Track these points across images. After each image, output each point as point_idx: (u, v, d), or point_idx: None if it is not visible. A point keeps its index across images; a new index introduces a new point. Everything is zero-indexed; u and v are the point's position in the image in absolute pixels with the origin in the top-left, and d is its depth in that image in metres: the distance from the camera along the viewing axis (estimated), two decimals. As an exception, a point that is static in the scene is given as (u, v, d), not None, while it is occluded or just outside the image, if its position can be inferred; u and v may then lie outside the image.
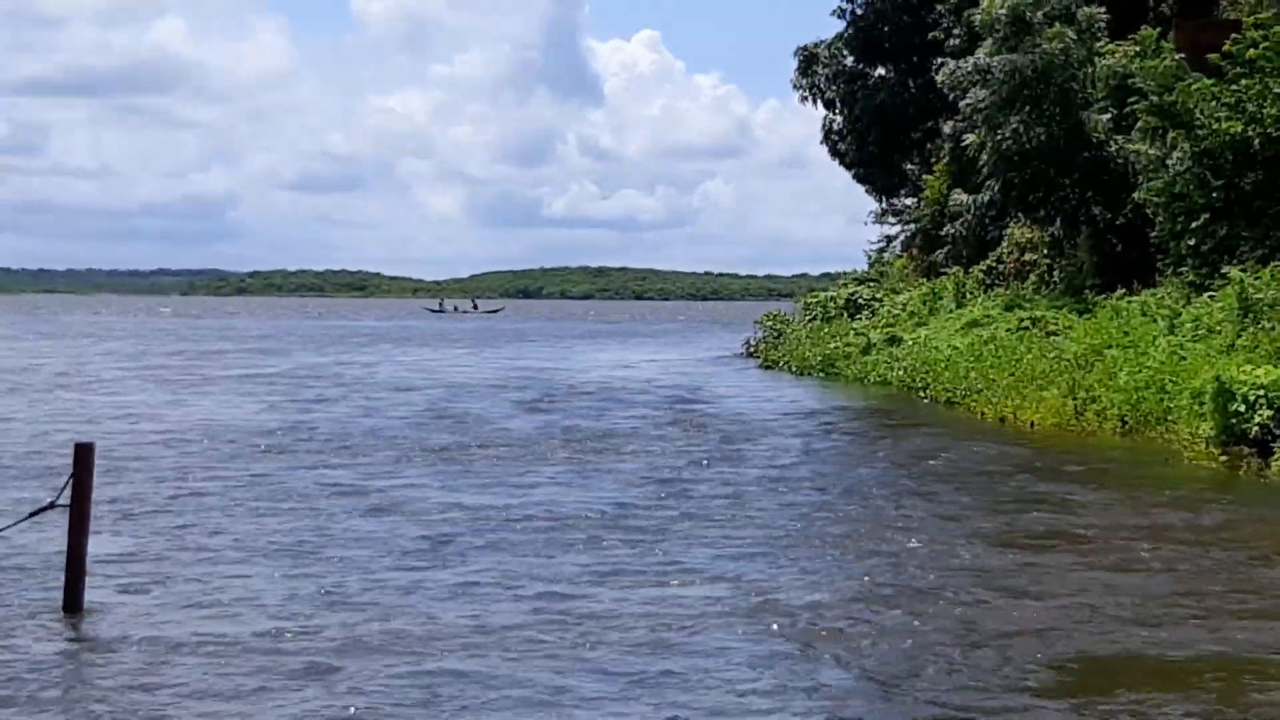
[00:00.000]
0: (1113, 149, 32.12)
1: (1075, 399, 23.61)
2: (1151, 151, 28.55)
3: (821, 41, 52.01)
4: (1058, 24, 33.56)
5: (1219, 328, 22.85)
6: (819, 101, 52.28)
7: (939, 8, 44.15)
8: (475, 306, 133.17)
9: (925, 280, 42.84)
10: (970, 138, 35.96)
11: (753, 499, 16.10)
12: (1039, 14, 33.92)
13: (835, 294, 46.56)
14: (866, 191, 53.83)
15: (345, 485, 16.89)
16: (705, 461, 19.39)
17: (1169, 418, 20.90)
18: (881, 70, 51.21)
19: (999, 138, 34.01)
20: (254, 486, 16.65)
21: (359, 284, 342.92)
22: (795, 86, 52.44)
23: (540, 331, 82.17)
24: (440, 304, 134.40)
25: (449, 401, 29.22)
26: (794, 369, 39.76)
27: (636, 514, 14.95)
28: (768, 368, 42.28)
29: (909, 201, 51.70)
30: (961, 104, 36.21)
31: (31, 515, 10.94)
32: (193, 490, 16.31)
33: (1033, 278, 37.11)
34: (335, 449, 20.56)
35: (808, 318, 45.87)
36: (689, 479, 17.65)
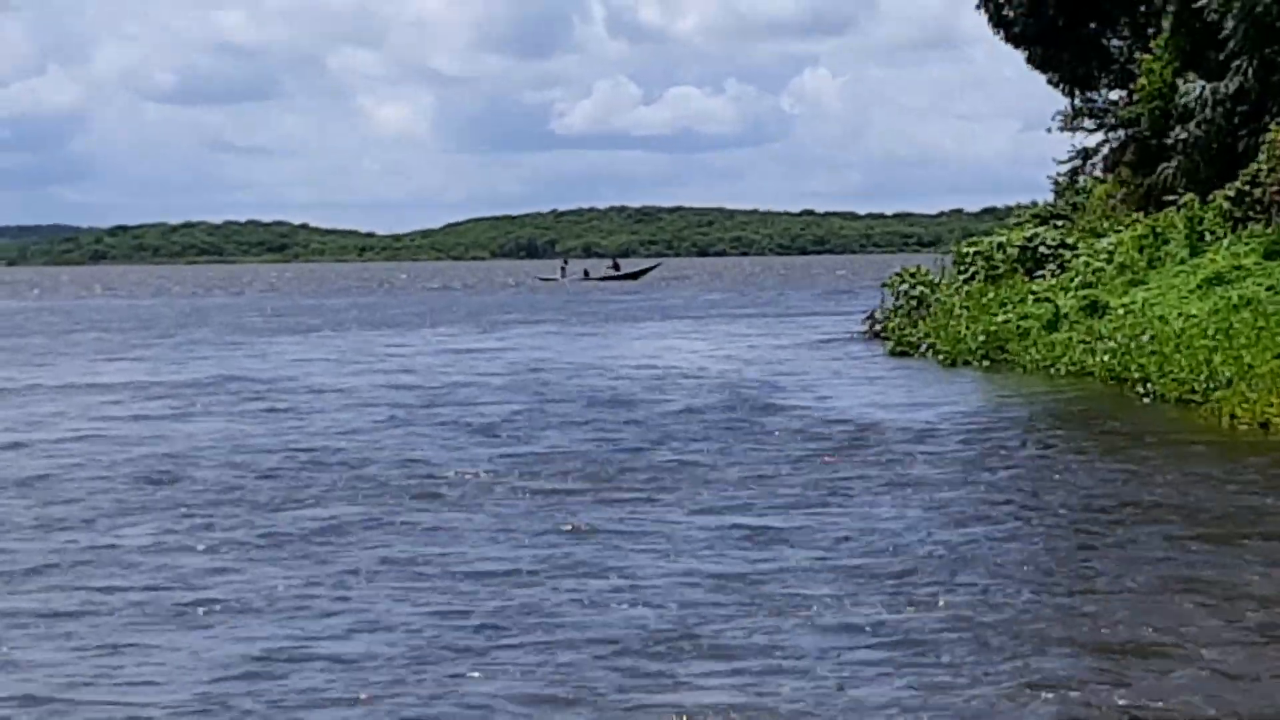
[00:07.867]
0: None
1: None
2: None
3: None
4: None
5: None
6: (972, -55, 52.15)
7: None
8: (617, 267, 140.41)
9: (1142, 215, 42.64)
10: (1207, -5, 35.79)
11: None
12: None
13: (1005, 240, 46.42)
14: (1049, 82, 53.61)
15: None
16: (815, 523, 19.08)
17: None
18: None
19: (1252, -6, 33.85)
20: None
21: (276, 242, 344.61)
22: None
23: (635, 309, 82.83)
24: (563, 267, 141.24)
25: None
26: (942, 355, 39.57)
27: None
28: (901, 353, 42.12)
29: (1114, 96, 51.50)
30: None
31: None
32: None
33: (1307, 208, 36.88)
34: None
35: (963, 277, 45.73)
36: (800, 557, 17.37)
